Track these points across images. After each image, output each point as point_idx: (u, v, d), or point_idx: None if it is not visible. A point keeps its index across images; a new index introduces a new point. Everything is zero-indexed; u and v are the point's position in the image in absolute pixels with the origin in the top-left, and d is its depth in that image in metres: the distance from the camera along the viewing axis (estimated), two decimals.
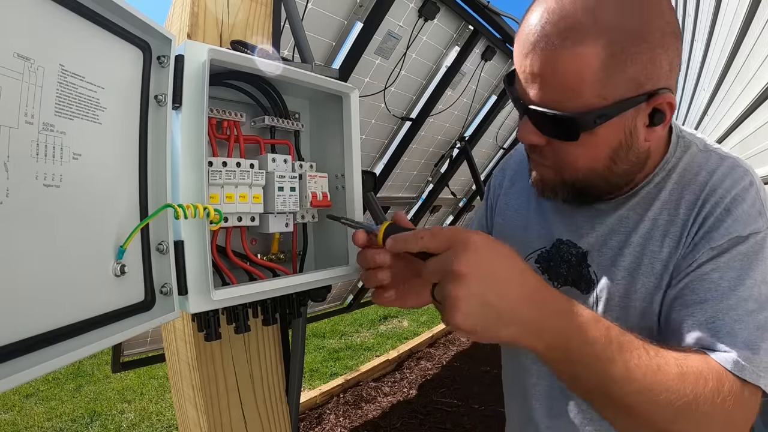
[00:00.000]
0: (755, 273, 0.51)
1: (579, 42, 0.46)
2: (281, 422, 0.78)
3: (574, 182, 0.57)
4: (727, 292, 0.51)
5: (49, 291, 0.37)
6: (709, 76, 2.19)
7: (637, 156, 0.55)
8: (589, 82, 0.47)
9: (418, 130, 2.59)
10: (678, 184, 0.58)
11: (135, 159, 0.48)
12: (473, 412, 2.87)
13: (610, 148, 0.53)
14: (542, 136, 0.54)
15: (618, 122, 0.51)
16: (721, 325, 0.50)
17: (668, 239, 0.56)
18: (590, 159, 0.54)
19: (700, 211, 0.55)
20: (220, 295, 0.52)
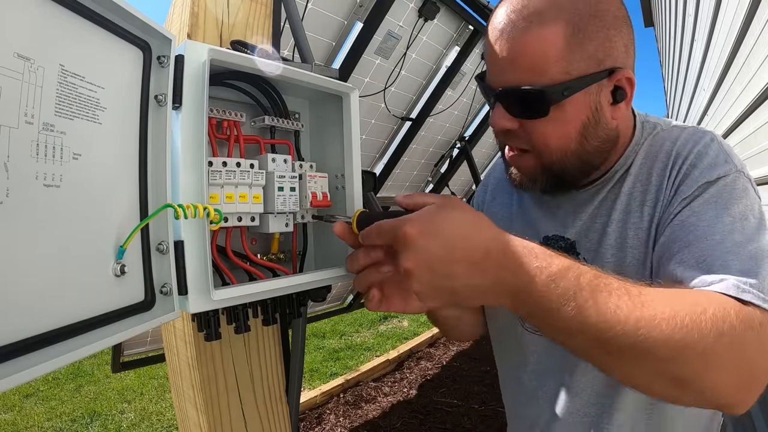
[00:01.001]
0: (732, 210, 0.52)
1: (542, 24, 0.52)
2: (281, 422, 0.78)
3: (551, 165, 0.59)
4: (708, 230, 0.51)
5: (49, 291, 0.37)
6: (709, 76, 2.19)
7: (607, 133, 0.58)
8: (553, 59, 0.52)
9: (418, 130, 2.60)
10: (646, 158, 0.62)
11: (135, 159, 0.48)
12: (473, 412, 2.87)
13: (580, 123, 0.56)
14: (514, 120, 0.58)
15: (583, 98, 0.55)
16: (713, 261, 0.48)
17: (646, 207, 0.59)
18: (562, 136, 0.57)
19: (671, 174, 0.58)
20: (220, 295, 0.52)
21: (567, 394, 0.65)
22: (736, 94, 1.57)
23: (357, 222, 0.55)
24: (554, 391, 0.67)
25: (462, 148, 3.09)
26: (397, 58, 2.14)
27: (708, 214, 0.52)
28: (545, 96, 0.54)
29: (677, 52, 3.64)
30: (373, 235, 0.49)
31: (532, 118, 0.56)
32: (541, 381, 0.69)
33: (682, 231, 0.53)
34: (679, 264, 0.50)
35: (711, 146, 0.57)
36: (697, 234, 0.51)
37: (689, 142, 0.59)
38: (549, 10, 0.52)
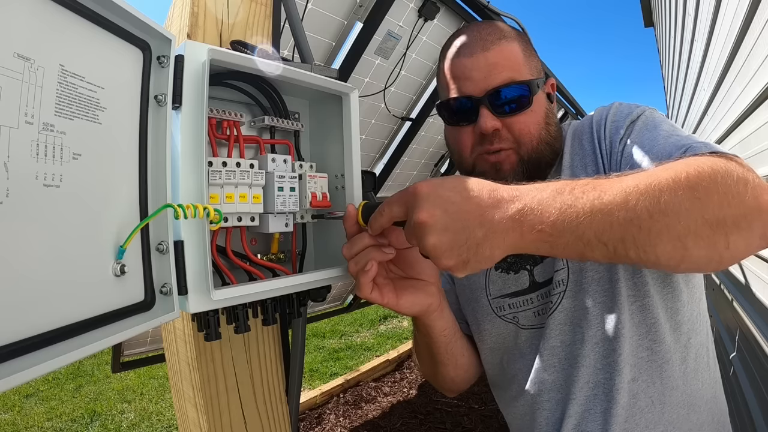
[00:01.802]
0: (663, 126, 0.61)
1: (507, 40, 0.68)
2: (281, 422, 0.78)
3: (530, 155, 0.68)
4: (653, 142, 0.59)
5: (49, 291, 0.37)
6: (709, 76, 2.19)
7: (555, 121, 0.72)
8: (522, 64, 0.67)
9: (418, 130, 2.60)
10: (573, 137, 0.73)
11: (135, 159, 0.48)
12: (473, 412, 2.87)
13: (543, 112, 0.69)
14: (498, 120, 0.67)
15: (542, 93, 0.70)
16: (671, 151, 0.55)
17: (589, 167, 0.68)
18: (537, 124, 0.68)
19: (599, 134, 0.68)
20: (220, 295, 0.52)
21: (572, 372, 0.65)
22: (736, 94, 1.57)
23: (362, 212, 0.56)
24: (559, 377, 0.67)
25: None
26: (397, 58, 2.14)
27: (645, 135, 0.61)
28: (529, 87, 0.66)
29: (677, 52, 3.64)
30: (384, 209, 0.51)
31: (518, 112, 0.67)
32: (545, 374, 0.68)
33: (632, 158, 0.60)
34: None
35: (622, 105, 0.69)
36: (645, 148, 0.59)
37: (603, 110, 0.71)
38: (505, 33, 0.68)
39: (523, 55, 0.68)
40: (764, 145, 1.30)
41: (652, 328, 0.62)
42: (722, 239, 0.43)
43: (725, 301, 1.91)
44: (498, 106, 0.66)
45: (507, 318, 0.72)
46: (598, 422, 0.63)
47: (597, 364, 0.63)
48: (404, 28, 2.04)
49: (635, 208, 0.42)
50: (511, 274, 0.74)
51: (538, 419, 0.69)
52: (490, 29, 0.68)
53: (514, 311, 0.72)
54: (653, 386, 0.62)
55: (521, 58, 0.67)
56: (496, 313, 0.74)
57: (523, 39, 0.70)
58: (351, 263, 0.57)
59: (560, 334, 0.66)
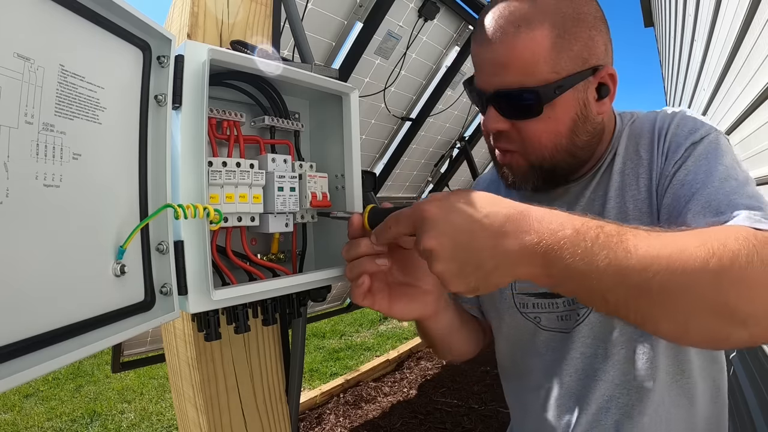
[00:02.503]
0: (723, 161, 0.56)
1: (530, 28, 0.55)
2: (281, 422, 0.78)
3: (542, 163, 0.62)
4: (707, 180, 0.54)
5: (48, 291, 0.37)
6: (709, 76, 2.19)
7: (594, 127, 0.62)
8: (543, 60, 0.56)
9: (418, 130, 2.60)
10: (630, 139, 0.66)
11: (135, 159, 0.48)
12: (473, 412, 2.87)
13: (570, 119, 0.59)
14: (506, 121, 0.60)
15: (572, 95, 0.58)
16: (718, 203, 0.51)
17: (641, 179, 0.62)
18: (554, 134, 0.60)
19: (658, 145, 0.62)
20: (220, 295, 0.52)
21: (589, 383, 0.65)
22: (736, 94, 1.57)
23: (368, 217, 0.55)
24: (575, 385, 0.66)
25: (462, 148, 3.09)
26: (397, 58, 2.14)
27: (702, 168, 0.56)
28: (539, 95, 0.57)
29: (677, 52, 3.64)
30: (391, 224, 0.49)
31: (525, 118, 0.59)
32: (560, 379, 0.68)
33: (683, 189, 0.56)
34: (688, 214, 0.53)
35: (687, 116, 0.62)
36: (697, 186, 0.54)
37: (667, 117, 0.63)
38: (535, 14, 0.56)
39: (553, 43, 0.55)
40: (764, 145, 1.30)
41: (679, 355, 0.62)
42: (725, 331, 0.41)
43: None
44: (503, 108, 0.60)
45: (529, 316, 0.71)
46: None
47: (615, 380, 0.63)
48: (404, 28, 2.04)
49: (651, 279, 0.40)
50: None
51: (547, 418, 0.69)
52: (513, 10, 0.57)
53: (537, 311, 0.71)
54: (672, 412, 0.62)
55: (544, 51, 0.55)
56: (518, 309, 0.73)
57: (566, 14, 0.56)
58: (347, 268, 0.57)
59: (582, 346, 0.66)
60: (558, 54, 0.56)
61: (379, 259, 0.54)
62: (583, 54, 0.57)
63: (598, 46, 0.58)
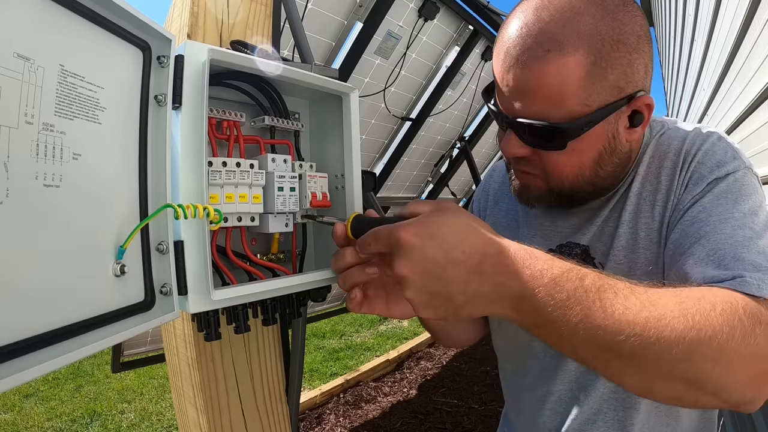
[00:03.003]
0: (742, 206, 0.51)
1: (561, 53, 0.48)
2: (281, 422, 0.78)
3: (561, 190, 0.58)
4: (719, 225, 0.50)
5: (49, 291, 0.37)
6: (709, 76, 2.19)
7: (620, 157, 0.57)
8: (573, 91, 0.49)
9: (418, 130, 2.60)
10: (653, 157, 0.60)
11: (135, 159, 0.48)
12: (473, 412, 2.87)
13: (596, 152, 0.54)
14: (527, 147, 0.56)
15: (601, 128, 0.52)
16: (723, 255, 0.47)
17: (657, 207, 0.58)
18: (577, 166, 0.55)
19: (681, 173, 0.57)
20: (220, 295, 0.52)
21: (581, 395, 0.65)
22: (736, 94, 1.57)
23: (351, 226, 0.54)
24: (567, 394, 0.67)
25: (462, 148, 3.09)
26: (397, 58, 2.14)
27: (718, 209, 0.51)
28: (564, 132, 0.51)
29: (677, 52, 3.64)
30: (370, 242, 0.48)
31: (547, 150, 0.55)
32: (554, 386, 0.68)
33: (692, 227, 0.52)
34: (690, 259, 0.49)
35: (718, 144, 0.56)
36: (708, 229, 0.50)
37: (697, 140, 0.57)
38: (569, 37, 0.48)
39: (587, 72, 0.48)
40: (764, 145, 1.30)
41: None
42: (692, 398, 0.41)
43: None
44: (526, 136, 0.55)
45: None
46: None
47: (605, 395, 0.63)
48: (404, 28, 2.04)
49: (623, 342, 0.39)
50: None
51: (540, 419, 0.70)
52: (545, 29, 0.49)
53: None
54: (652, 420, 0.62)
55: (576, 81, 0.48)
56: None
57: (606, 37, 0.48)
58: (339, 280, 0.56)
59: None
60: (591, 84, 0.49)
61: (368, 269, 0.53)
62: (620, 83, 0.50)
63: (638, 71, 0.51)
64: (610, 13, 0.49)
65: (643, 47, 0.51)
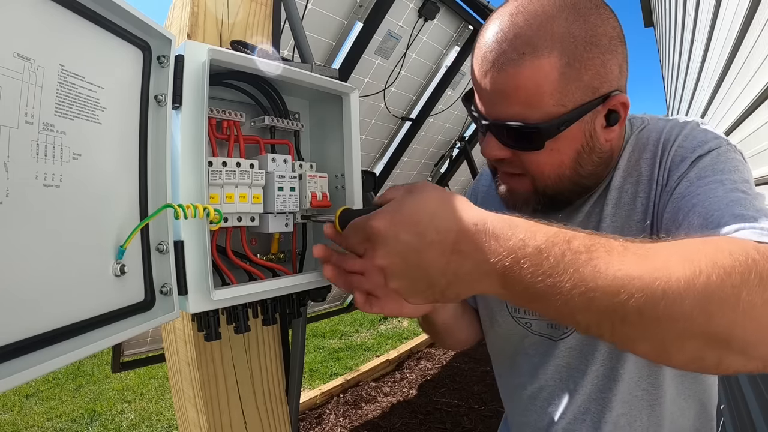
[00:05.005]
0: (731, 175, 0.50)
1: (535, 56, 0.49)
2: (281, 422, 0.78)
3: (545, 190, 0.58)
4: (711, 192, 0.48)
5: (49, 291, 0.37)
6: (709, 76, 2.19)
7: (600, 156, 0.57)
8: (548, 92, 0.50)
9: (418, 130, 2.60)
10: (633, 152, 0.61)
11: (135, 159, 0.48)
12: (473, 412, 2.87)
13: (574, 151, 0.55)
14: (507, 150, 0.56)
15: (578, 127, 0.53)
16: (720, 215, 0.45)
17: (639, 199, 0.58)
18: (557, 165, 0.56)
19: (661, 161, 0.57)
20: (220, 295, 0.52)
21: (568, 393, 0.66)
22: (736, 94, 1.57)
23: (339, 221, 0.54)
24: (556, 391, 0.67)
25: (462, 148, 3.09)
26: (397, 58, 2.14)
27: (706, 179, 0.50)
28: (540, 132, 0.52)
29: (677, 52, 3.64)
30: (351, 235, 0.47)
31: (526, 151, 0.55)
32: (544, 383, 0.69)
33: (683, 201, 0.51)
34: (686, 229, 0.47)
35: (697, 129, 0.57)
36: (699, 198, 0.49)
37: (675, 128, 0.58)
38: (542, 40, 0.49)
39: (561, 74, 0.50)
40: (764, 145, 1.30)
41: (654, 373, 0.61)
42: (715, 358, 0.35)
43: None
44: (504, 138, 0.56)
45: (520, 321, 0.72)
46: None
47: (592, 395, 0.64)
48: (404, 28, 2.04)
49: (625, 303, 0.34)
50: None
51: (529, 417, 0.71)
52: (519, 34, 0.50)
53: (528, 317, 0.71)
54: (640, 420, 0.62)
55: (550, 85, 0.50)
56: (510, 312, 0.73)
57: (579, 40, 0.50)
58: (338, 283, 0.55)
59: (567, 357, 0.66)
60: (566, 85, 0.50)
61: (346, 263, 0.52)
62: (594, 83, 0.51)
63: (612, 71, 0.52)
64: (583, 16, 0.50)
65: (616, 48, 0.52)
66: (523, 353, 0.72)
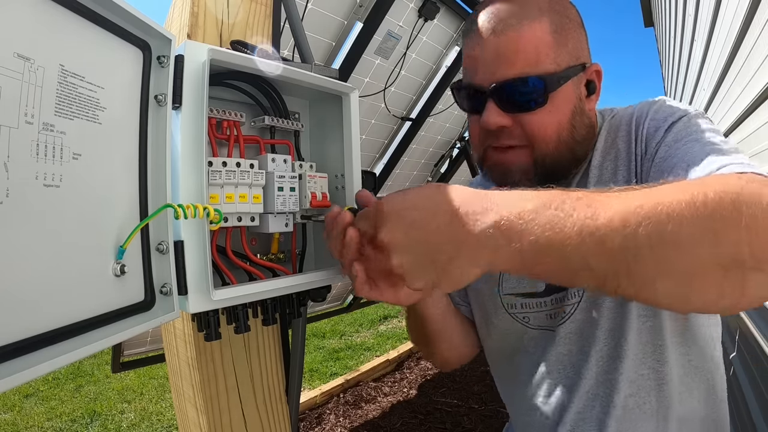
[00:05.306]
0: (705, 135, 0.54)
1: (530, 21, 0.57)
2: (281, 422, 0.78)
3: (545, 158, 0.61)
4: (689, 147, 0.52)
5: (48, 291, 0.37)
6: (709, 76, 2.19)
7: (588, 122, 0.63)
8: (545, 52, 0.57)
9: (418, 130, 2.59)
10: (608, 134, 0.66)
11: (135, 159, 0.48)
12: (473, 412, 2.87)
13: (570, 111, 0.60)
14: (507, 116, 0.60)
15: (570, 87, 0.60)
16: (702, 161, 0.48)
17: (620, 172, 0.62)
18: (557, 125, 0.60)
19: (637, 134, 0.61)
20: (220, 295, 0.52)
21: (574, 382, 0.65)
22: (736, 94, 1.57)
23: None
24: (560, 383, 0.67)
25: (462, 148, 3.09)
26: (397, 58, 2.14)
27: (683, 140, 0.54)
28: (545, 84, 0.57)
29: (677, 52, 3.64)
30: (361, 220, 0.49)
31: (529, 110, 0.58)
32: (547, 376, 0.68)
33: (664, 163, 0.55)
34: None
35: (666, 103, 0.61)
36: (679, 155, 0.53)
37: (644, 107, 0.63)
38: (533, 10, 0.58)
39: (552, 37, 0.57)
40: (764, 145, 1.30)
41: (658, 349, 0.61)
42: (738, 283, 0.35)
43: None
44: (506, 102, 0.59)
45: (517, 317, 0.72)
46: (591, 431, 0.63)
47: (599, 377, 0.63)
48: (404, 28, 2.04)
49: (634, 235, 0.35)
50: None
51: (536, 417, 0.70)
52: (511, 8, 0.58)
53: (525, 311, 0.71)
54: (649, 402, 0.62)
55: (546, 44, 0.57)
56: (507, 310, 0.73)
57: (559, 16, 0.58)
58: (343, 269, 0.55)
59: (568, 343, 0.66)
60: (558, 48, 0.58)
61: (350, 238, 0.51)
62: (575, 52, 0.60)
63: (585, 47, 0.62)
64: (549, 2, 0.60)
65: (583, 30, 0.62)
66: (523, 351, 0.72)
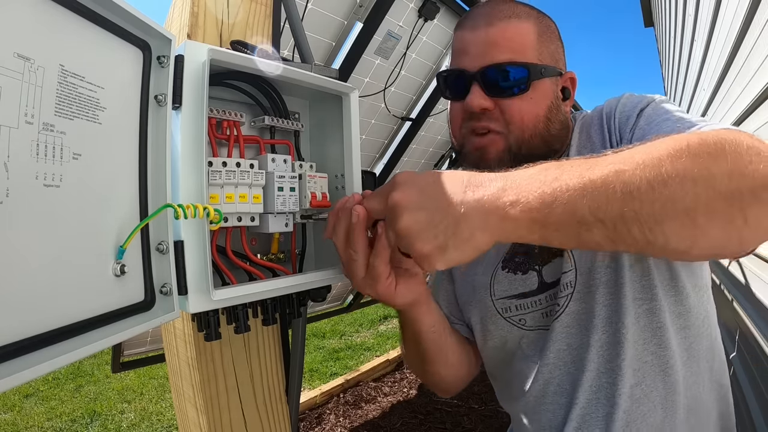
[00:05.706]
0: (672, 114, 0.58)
1: (519, 20, 0.64)
2: (281, 422, 0.78)
3: (520, 146, 0.64)
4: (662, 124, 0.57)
5: (48, 291, 0.37)
6: (709, 76, 2.19)
7: (563, 119, 0.68)
8: (530, 46, 0.64)
9: (418, 130, 2.60)
10: (581, 131, 0.71)
11: (135, 159, 0.48)
12: (473, 412, 2.87)
13: (547, 105, 0.65)
14: (490, 99, 0.64)
15: (549, 83, 0.66)
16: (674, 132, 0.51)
17: None
18: (534, 115, 0.64)
19: (609, 127, 0.66)
20: (220, 295, 0.52)
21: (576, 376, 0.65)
22: (736, 94, 1.57)
23: None
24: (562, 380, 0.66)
25: None
26: (397, 58, 2.14)
27: (654, 122, 0.59)
28: (528, 72, 0.62)
29: (677, 52, 3.64)
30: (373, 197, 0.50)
31: (512, 95, 0.63)
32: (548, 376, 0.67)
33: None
34: None
35: (632, 96, 0.66)
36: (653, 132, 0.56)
37: (612, 101, 0.68)
38: (522, 13, 0.64)
39: (536, 37, 0.64)
40: None
41: (658, 332, 0.61)
42: (739, 213, 0.37)
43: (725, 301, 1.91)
44: (490, 86, 0.63)
45: (513, 320, 0.71)
46: (599, 427, 0.62)
47: (601, 368, 0.63)
48: (404, 28, 2.04)
49: (632, 179, 0.38)
50: (518, 274, 0.71)
51: (541, 420, 0.69)
52: (503, 6, 0.65)
53: (521, 313, 0.70)
54: (656, 390, 0.61)
55: (531, 41, 0.63)
56: (502, 315, 0.72)
57: (543, 23, 0.65)
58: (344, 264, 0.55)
59: (567, 337, 0.65)
60: (540, 46, 0.64)
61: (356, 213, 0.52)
62: (555, 56, 0.67)
63: (562, 57, 0.68)
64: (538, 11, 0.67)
65: (561, 43, 0.69)
66: (522, 356, 0.71)
